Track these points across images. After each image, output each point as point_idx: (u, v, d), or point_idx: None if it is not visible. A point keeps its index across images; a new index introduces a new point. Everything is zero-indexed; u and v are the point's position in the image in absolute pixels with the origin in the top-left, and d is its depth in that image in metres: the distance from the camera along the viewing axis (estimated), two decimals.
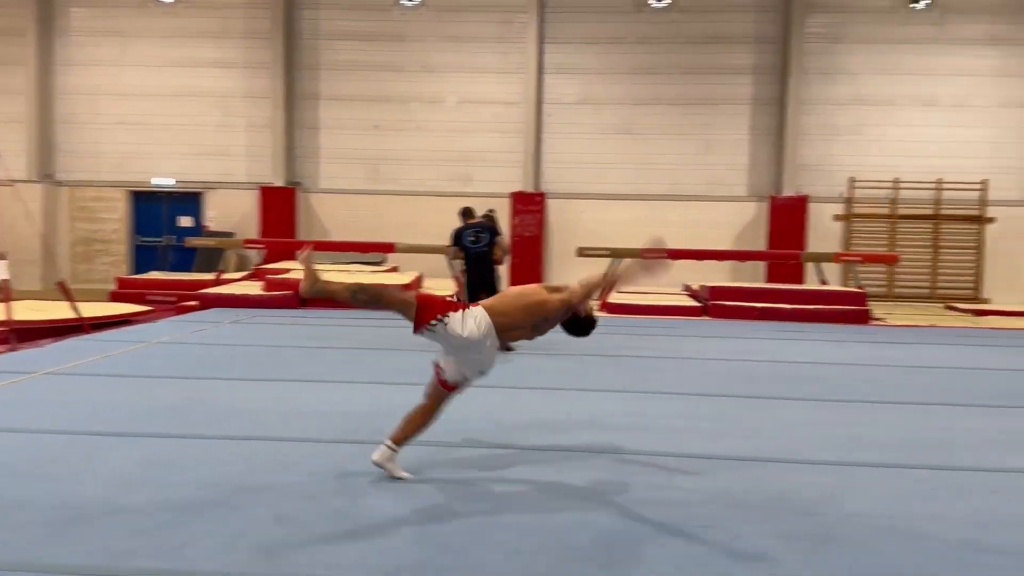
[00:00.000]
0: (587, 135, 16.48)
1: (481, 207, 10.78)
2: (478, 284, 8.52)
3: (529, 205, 16.26)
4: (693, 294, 14.06)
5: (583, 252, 13.45)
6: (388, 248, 13.89)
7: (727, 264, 15.77)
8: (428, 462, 4.40)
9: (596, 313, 4.37)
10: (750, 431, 5.36)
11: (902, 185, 15.80)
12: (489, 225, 8.74)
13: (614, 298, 13.12)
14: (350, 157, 16.86)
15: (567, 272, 16.12)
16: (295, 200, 16.70)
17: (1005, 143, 15.72)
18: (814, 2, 15.86)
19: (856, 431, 5.37)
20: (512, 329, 4.09)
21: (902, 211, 15.90)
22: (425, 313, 3.98)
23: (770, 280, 15.22)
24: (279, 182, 16.59)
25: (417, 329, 4.04)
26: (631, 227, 16.20)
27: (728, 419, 5.69)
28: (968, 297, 15.65)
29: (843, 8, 15.90)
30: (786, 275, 15.09)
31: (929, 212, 15.87)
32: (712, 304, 12.52)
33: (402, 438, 4.15)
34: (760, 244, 15.88)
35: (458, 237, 8.64)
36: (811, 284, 14.06)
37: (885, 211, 15.95)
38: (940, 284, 15.93)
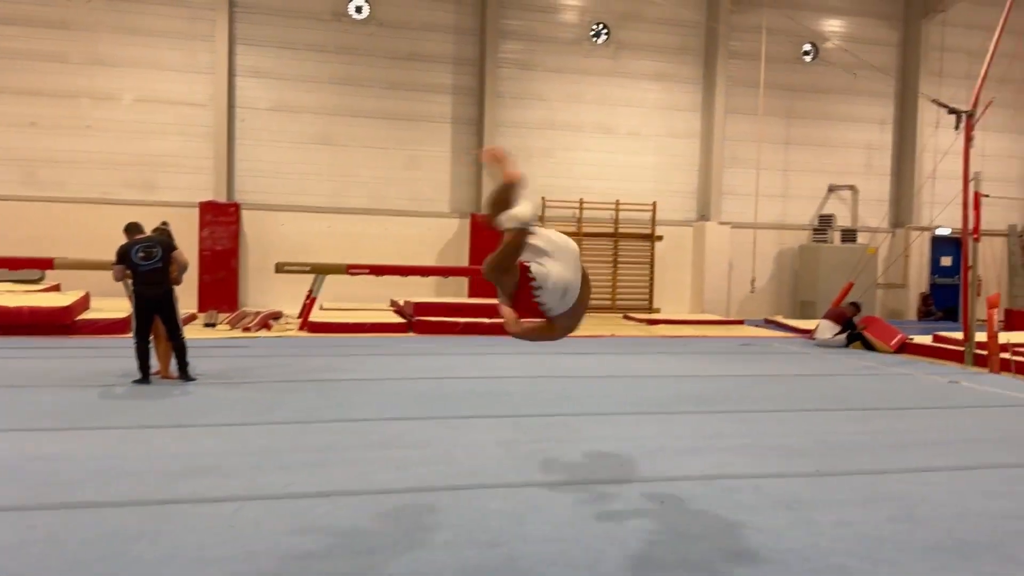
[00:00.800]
0: (285, 144, 15.69)
1: (168, 216, 9.72)
2: (152, 306, 7.51)
3: (221, 216, 15.04)
4: (399, 310, 13.91)
5: (282, 268, 12.68)
6: (46, 264, 12.00)
7: (432, 279, 15.87)
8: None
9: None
10: (444, 455, 5.18)
11: (587, 205, 17.07)
12: (162, 239, 7.74)
13: (316, 316, 12.53)
14: None
15: (265, 289, 15.19)
16: None
17: (671, 169, 17.65)
18: (507, 30, 16.60)
19: (543, 447, 5.43)
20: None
21: (587, 229, 17.18)
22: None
23: (473, 295, 15.56)
24: None
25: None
26: (333, 241, 15.74)
27: (427, 443, 5.48)
28: (643, 307, 17.32)
29: (533, 37, 16.82)
30: (488, 290, 15.51)
31: (609, 231, 17.32)
32: (417, 320, 12.44)
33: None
34: (462, 260, 16.20)
35: (124, 255, 7.53)
36: None
37: (572, 229, 17.11)
38: (620, 296, 17.44)
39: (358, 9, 15.98)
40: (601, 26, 17.13)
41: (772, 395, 7.78)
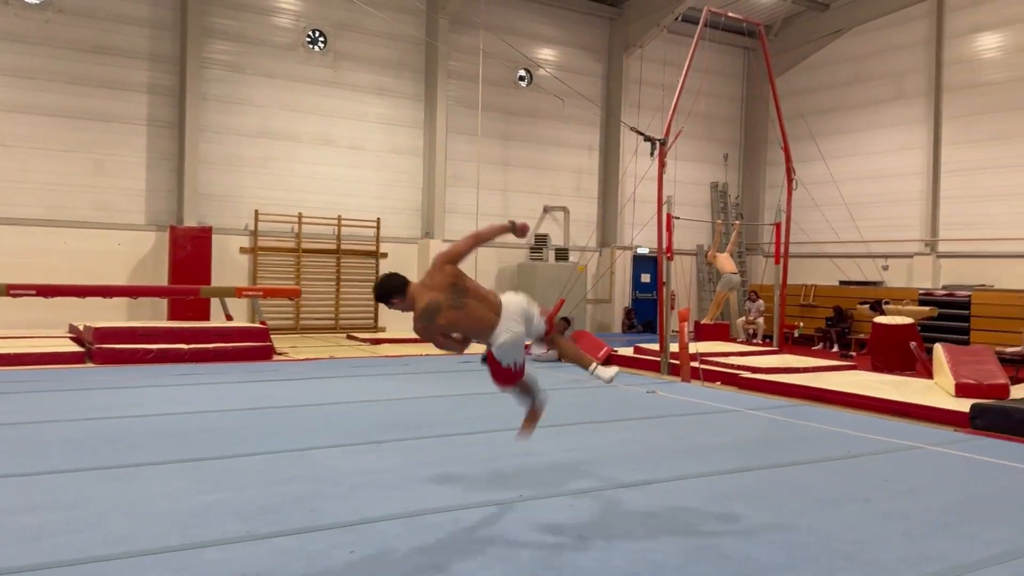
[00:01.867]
0: None
1: None
2: None
3: None
4: (78, 337, 12.07)
5: None
6: None
7: (123, 302, 14.04)
8: None
9: None
10: (93, 518, 4.25)
11: (306, 220, 16.20)
12: None
13: None
14: None
15: None
16: None
17: (395, 186, 17.34)
18: (213, 28, 15.29)
19: (221, 498, 4.68)
20: None
21: (306, 246, 16.30)
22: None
23: (173, 318, 14.00)
24: None
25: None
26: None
27: (77, 503, 4.47)
28: (367, 326, 16.78)
29: (243, 38, 15.66)
30: (189, 312, 14.06)
31: (331, 247, 16.59)
32: (98, 348, 10.81)
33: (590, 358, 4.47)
34: (160, 278, 14.55)
35: None
36: (219, 321, 13.31)
37: (291, 245, 16.15)
38: (342, 315, 16.75)
39: None
40: (317, 33, 16.42)
41: (483, 415, 7.62)
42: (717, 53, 17.80)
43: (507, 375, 4.45)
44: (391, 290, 4.42)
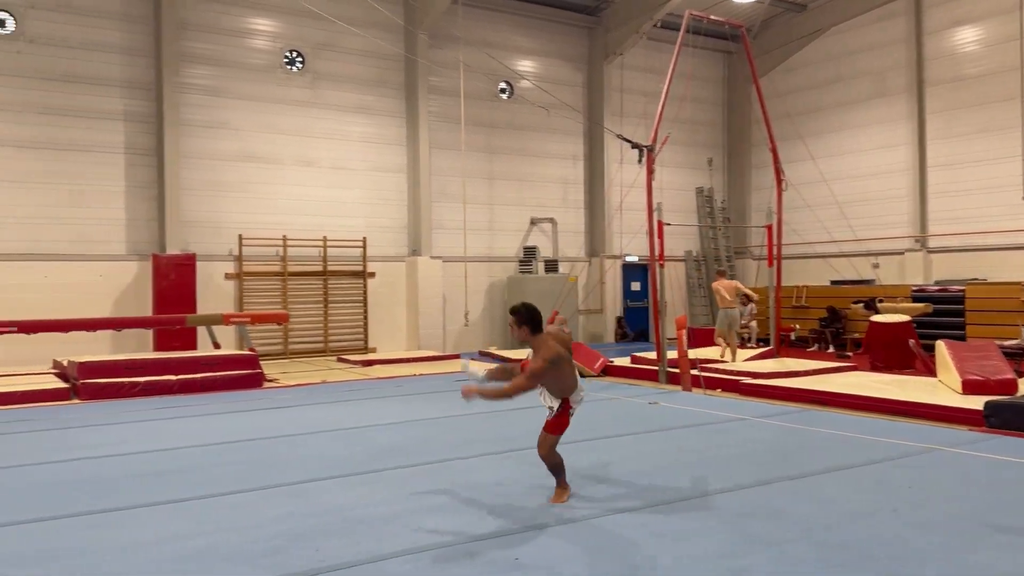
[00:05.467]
0: None
1: None
2: None
3: None
4: (61, 373, 11.73)
5: None
6: None
7: (108, 334, 13.68)
8: None
9: None
10: (79, 570, 3.97)
11: (291, 243, 15.93)
12: None
13: None
14: None
15: None
16: None
17: (380, 204, 17.08)
18: (189, 53, 15.03)
19: (211, 540, 4.41)
20: None
21: (292, 268, 16.01)
22: None
23: (160, 348, 13.66)
24: None
25: None
26: None
27: (63, 554, 4.19)
28: (358, 348, 16.48)
29: (220, 62, 15.41)
30: (179, 341, 13.73)
31: (318, 269, 16.31)
32: (83, 384, 10.47)
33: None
34: (144, 307, 14.20)
35: None
36: (207, 350, 12.99)
37: (276, 269, 15.86)
38: (332, 337, 16.44)
39: (1, 23, 13.53)
40: (295, 54, 16.20)
41: (481, 438, 7.37)
42: (696, 58, 17.69)
43: (564, 424, 5.10)
44: (534, 317, 4.98)
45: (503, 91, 18.52)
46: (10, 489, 5.75)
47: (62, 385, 10.75)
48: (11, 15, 13.63)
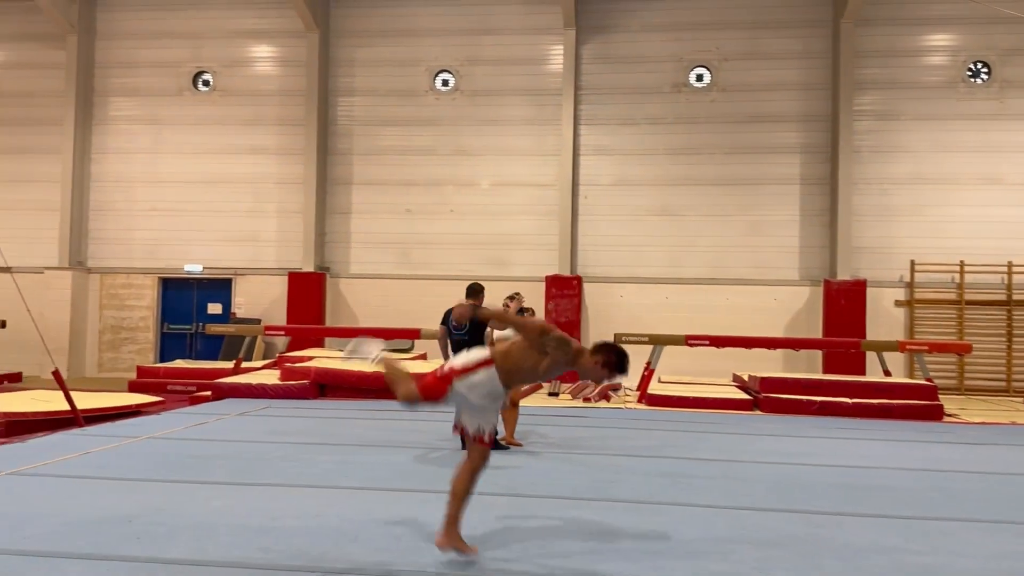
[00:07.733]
0: (623, 217, 15.74)
1: (518, 290, 9.98)
2: None
3: (565, 289, 15.45)
4: (742, 386, 12.94)
5: (621, 339, 12.48)
6: (414, 334, 13.18)
7: (778, 353, 14.61)
8: None
9: None
10: (807, 560, 4.30)
11: (968, 268, 14.61)
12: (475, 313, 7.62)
13: (657, 390, 12.09)
14: (381, 241, 16.38)
15: None
16: (323, 285, 16.20)
17: None
18: (863, 80, 15.12)
19: (934, 560, 4.27)
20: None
21: (970, 296, 14.64)
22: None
23: (828, 370, 13.99)
24: (308, 267, 16.14)
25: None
26: (670, 311, 15.29)
27: (782, 542, 4.64)
28: None
29: (894, 85, 15.12)
30: (844, 366, 13.86)
31: (1001, 298, 14.58)
32: (764, 397, 11.39)
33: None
34: (814, 331, 14.71)
35: (445, 318, 8.31)
36: (875, 376, 12.81)
37: (951, 296, 14.72)
38: (1016, 376, 14.47)
39: (699, 78, 15.76)
40: (980, 65, 14.88)
41: None
42: None
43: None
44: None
45: None
46: (733, 479, 6.55)
47: (744, 396, 11.85)
48: (708, 69, 15.74)
